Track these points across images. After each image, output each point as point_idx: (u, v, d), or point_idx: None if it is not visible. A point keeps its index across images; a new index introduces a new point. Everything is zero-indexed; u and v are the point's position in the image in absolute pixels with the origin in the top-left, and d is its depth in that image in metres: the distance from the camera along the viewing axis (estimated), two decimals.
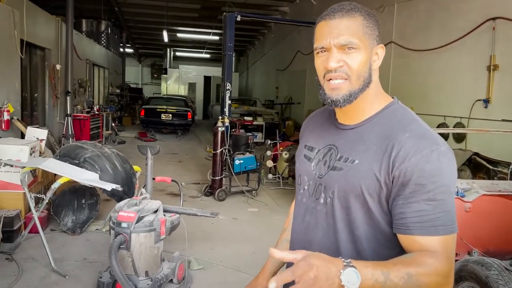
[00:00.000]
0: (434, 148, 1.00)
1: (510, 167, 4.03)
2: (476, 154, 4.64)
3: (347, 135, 1.15)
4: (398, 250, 1.05)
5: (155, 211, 3.23)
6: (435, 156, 0.99)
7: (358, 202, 1.07)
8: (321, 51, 1.11)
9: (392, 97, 1.17)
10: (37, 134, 5.67)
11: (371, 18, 1.09)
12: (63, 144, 8.49)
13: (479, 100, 5.92)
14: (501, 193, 2.85)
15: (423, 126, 1.07)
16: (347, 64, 1.07)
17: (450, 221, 1.00)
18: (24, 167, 3.98)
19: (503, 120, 5.49)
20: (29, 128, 5.87)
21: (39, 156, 4.96)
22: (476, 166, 4.56)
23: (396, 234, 1.04)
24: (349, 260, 0.90)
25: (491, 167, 4.36)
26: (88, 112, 10.72)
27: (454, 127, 6.30)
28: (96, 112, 11.20)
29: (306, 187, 1.22)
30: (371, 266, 0.92)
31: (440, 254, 0.97)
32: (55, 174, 4.94)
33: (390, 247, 1.07)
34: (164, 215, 3.30)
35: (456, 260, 2.86)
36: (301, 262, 0.87)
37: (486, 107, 5.84)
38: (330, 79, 1.09)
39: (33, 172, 4.59)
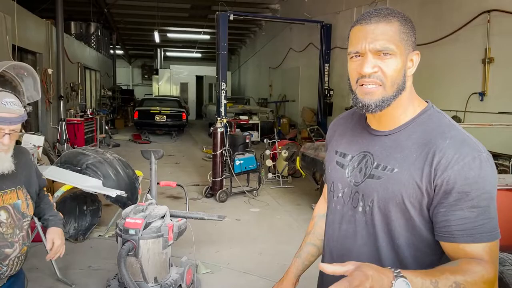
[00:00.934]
0: (476, 155, 0.99)
1: None
2: None
3: (383, 142, 1.13)
4: (439, 256, 1.05)
5: (162, 217, 3.20)
6: (478, 163, 0.99)
7: (399, 210, 1.06)
8: (355, 56, 1.08)
9: (426, 101, 1.16)
10: (33, 141, 5.59)
11: (408, 24, 1.07)
12: (58, 150, 8.41)
13: (475, 93, 5.96)
14: (509, 187, 2.87)
15: (462, 132, 1.06)
16: (381, 70, 1.05)
17: (493, 227, 1.00)
18: None
19: (499, 112, 5.54)
20: (25, 135, 5.78)
21: (37, 163, 4.89)
22: None
23: (438, 241, 1.04)
24: (398, 270, 0.89)
25: None
26: (81, 116, 10.62)
27: None
28: (90, 116, 11.10)
29: (340, 194, 1.21)
30: (420, 275, 0.91)
31: (486, 261, 0.97)
32: (53, 181, 4.88)
33: (431, 254, 1.06)
34: (171, 220, 3.27)
35: None
36: (356, 272, 0.87)
37: (482, 100, 5.88)
38: (363, 84, 1.07)
39: None
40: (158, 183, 3.77)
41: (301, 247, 1.46)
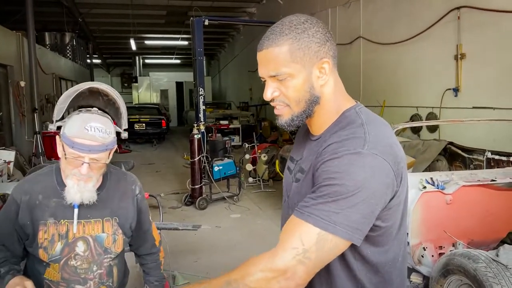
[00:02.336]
0: (352, 150, 0.96)
1: (485, 154, 4.08)
2: (451, 143, 4.69)
3: (311, 146, 1.14)
4: (363, 255, 1.04)
5: None
6: (349, 157, 0.96)
7: None
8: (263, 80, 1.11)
9: (356, 102, 1.14)
10: (4, 156, 5.42)
11: (303, 38, 1.03)
12: (34, 163, 8.20)
13: (449, 89, 6.02)
14: (481, 183, 2.87)
15: (363, 130, 1.01)
16: (282, 93, 1.06)
17: (331, 219, 0.93)
18: None
19: (473, 107, 5.60)
20: None
21: (8, 179, 4.74)
22: (452, 156, 4.61)
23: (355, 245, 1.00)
24: None
25: (466, 155, 4.41)
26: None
27: (426, 117, 6.40)
28: None
29: (286, 198, 1.23)
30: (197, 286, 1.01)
31: (281, 244, 0.96)
32: None
33: (354, 251, 1.04)
34: None
35: (441, 254, 2.86)
36: None
37: (456, 95, 5.94)
38: (274, 106, 1.10)
39: (2, 197, 4.37)
40: None
41: None
